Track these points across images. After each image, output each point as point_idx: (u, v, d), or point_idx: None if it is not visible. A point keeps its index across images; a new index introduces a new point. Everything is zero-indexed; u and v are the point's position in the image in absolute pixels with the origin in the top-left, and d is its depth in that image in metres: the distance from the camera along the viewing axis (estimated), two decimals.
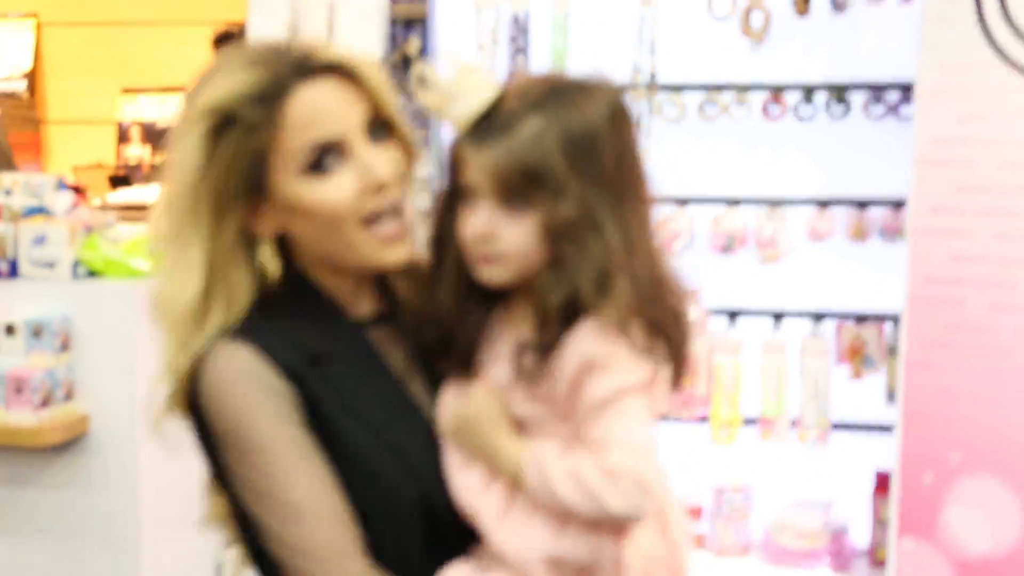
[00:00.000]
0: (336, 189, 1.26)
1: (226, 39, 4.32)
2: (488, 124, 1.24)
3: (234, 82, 1.24)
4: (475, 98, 1.24)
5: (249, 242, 1.31)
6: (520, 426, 1.29)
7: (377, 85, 1.29)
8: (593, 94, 1.26)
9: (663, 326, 1.25)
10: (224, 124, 1.24)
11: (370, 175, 1.27)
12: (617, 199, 1.25)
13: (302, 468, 1.24)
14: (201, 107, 1.25)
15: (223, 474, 1.30)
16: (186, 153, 1.25)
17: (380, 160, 1.28)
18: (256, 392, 1.25)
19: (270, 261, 1.35)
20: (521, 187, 1.23)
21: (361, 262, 1.31)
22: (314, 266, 1.34)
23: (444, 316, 1.30)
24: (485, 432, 1.27)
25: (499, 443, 1.27)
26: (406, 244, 1.31)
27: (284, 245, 1.34)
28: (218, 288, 1.28)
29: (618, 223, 1.24)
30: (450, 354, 1.32)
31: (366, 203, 1.27)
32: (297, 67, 1.26)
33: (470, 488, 1.28)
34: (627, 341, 1.22)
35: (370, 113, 1.29)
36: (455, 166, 1.28)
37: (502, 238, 1.25)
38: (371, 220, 1.28)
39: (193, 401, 1.29)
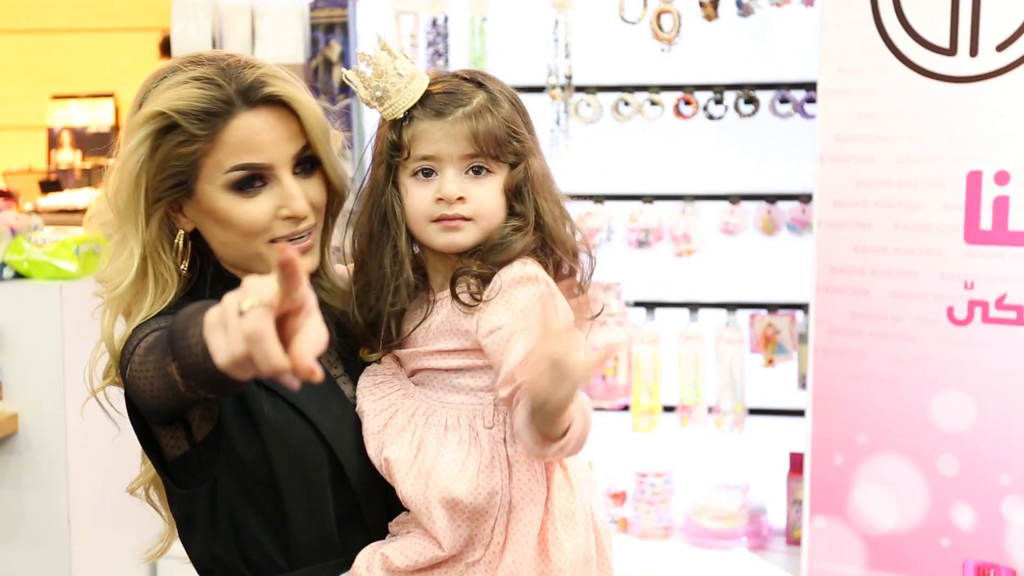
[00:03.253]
0: (254, 211, 1.38)
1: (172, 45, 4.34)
2: (438, 102, 1.37)
3: (184, 94, 1.35)
4: (413, 87, 1.38)
5: (172, 233, 1.42)
6: (451, 384, 1.39)
7: (314, 124, 1.40)
8: (490, 74, 1.45)
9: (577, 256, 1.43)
10: (168, 128, 1.35)
11: (288, 205, 1.38)
12: (540, 149, 1.45)
13: None
14: (150, 111, 1.35)
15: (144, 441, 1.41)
16: (132, 150, 1.36)
17: (300, 193, 1.39)
18: None
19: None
20: (494, 148, 1.37)
21: (263, 268, 1.41)
22: (226, 262, 1.45)
23: (387, 292, 1.40)
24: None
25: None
26: (309, 257, 1.43)
27: (199, 240, 1.45)
28: (151, 272, 1.39)
29: (549, 169, 1.45)
30: (376, 330, 1.41)
31: (278, 228, 1.40)
32: (245, 93, 1.36)
33: (385, 439, 1.38)
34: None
35: (301, 148, 1.40)
36: (404, 146, 1.38)
37: (473, 199, 1.37)
38: (275, 239, 1.40)
39: (123, 375, 1.38)
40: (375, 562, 1.37)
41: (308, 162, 1.41)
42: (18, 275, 2.74)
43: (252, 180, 1.37)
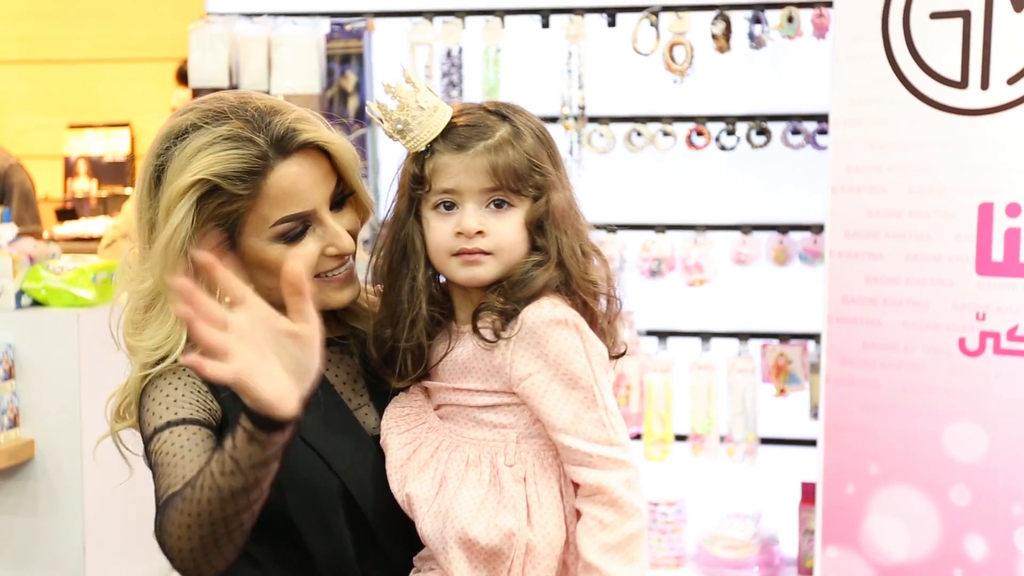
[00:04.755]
0: (302, 254, 1.38)
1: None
2: (460, 135, 1.36)
3: (221, 158, 1.34)
4: (435, 120, 1.37)
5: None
6: (475, 419, 1.38)
7: (346, 160, 1.41)
8: (517, 107, 1.43)
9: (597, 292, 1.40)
10: (208, 192, 1.35)
11: (334, 244, 1.40)
12: (566, 183, 1.42)
13: (183, 435, 1.33)
14: (189, 181, 1.34)
15: None
16: (177, 224, 1.35)
17: (343, 230, 1.40)
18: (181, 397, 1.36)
19: None
20: (514, 182, 1.35)
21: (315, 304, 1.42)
22: (265, 299, 1.45)
23: (403, 327, 1.39)
24: None
25: None
26: (353, 286, 1.44)
27: None
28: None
29: (574, 204, 1.42)
30: (391, 363, 1.40)
31: (325, 265, 1.41)
32: (279, 144, 1.36)
33: (408, 474, 1.37)
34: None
35: (336, 185, 1.41)
36: (425, 179, 1.38)
37: (493, 233, 1.36)
38: (325, 276, 1.42)
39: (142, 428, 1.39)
40: None
41: (342, 195, 1.42)
42: (36, 302, 2.76)
43: (296, 227, 1.38)
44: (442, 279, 1.43)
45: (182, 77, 4.57)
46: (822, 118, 3.02)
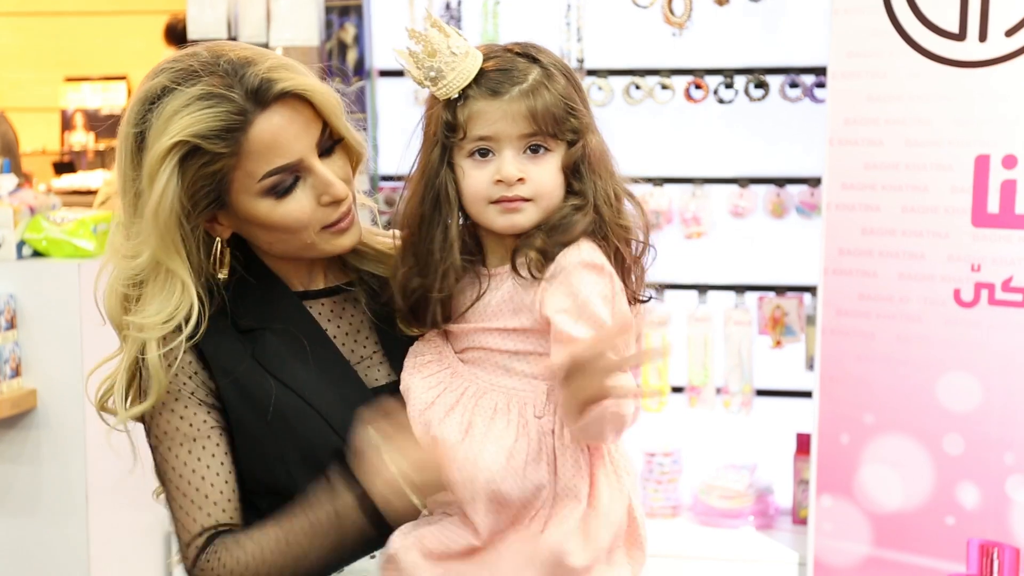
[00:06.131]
0: (296, 209, 1.37)
1: (177, 30, 4.38)
2: (493, 80, 1.33)
3: (197, 118, 1.31)
4: (468, 65, 1.34)
5: (208, 245, 1.41)
6: (504, 367, 1.37)
7: (328, 104, 1.38)
8: (541, 47, 1.41)
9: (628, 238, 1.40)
10: (188, 153, 1.32)
11: (327, 193, 1.37)
12: (595, 126, 1.40)
13: (193, 453, 1.38)
14: (167, 144, 1.32)
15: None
16: (161, 190, 1.33)
17: (334, 177, 1.38)
18: (175, 381, 1.38)
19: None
20: (552, 126, 1.33)
21: (314, 253, 1.43)
22: (267, 254, 1.45)
23: (435, 277, 1.37)
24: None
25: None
26: (354, 230, 1.43)
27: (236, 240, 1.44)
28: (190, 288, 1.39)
29: (607, 146, 1.41)
30: (419, 314, 1.39)
31: (323, 215, 1.39)
32: (255, 96, 1.32)
33: (432, 418, 1.36)
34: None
35: (321, 131, 1.38)
36: (460, 127, 1.34)
37: (532, 179, 1.34)
38: (331, 227, 1.40)
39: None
40: (410, 542, 1.35)
41: (330, 140, 1.39)
42: (37, 253, 2.77)
43: (284, 179, 1.35)
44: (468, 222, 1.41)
45: (171, 35, 4.55)
46: (820, 71, 3.02)
